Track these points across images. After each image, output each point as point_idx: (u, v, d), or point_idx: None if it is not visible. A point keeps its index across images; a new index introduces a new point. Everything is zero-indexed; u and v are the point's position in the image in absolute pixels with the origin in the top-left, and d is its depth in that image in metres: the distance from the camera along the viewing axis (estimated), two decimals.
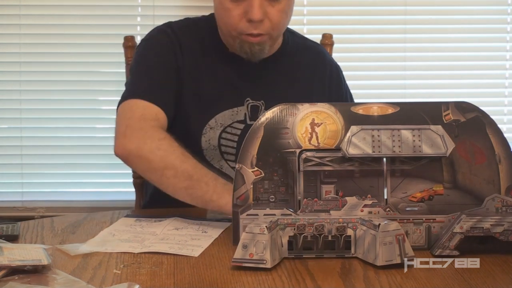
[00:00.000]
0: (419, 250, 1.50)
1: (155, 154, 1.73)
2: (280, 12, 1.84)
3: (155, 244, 1.55)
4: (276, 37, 1.91)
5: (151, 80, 1.88)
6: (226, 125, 1.92)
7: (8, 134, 2.91)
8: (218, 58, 1.93)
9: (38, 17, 2.86)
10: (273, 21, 1.84)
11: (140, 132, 1.77)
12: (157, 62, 1.91)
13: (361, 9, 2.95)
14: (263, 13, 1.82)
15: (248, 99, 1.93)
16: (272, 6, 1.83)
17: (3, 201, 2.92)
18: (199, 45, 1.94)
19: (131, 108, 1.83)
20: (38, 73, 2.88)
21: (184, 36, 1.94)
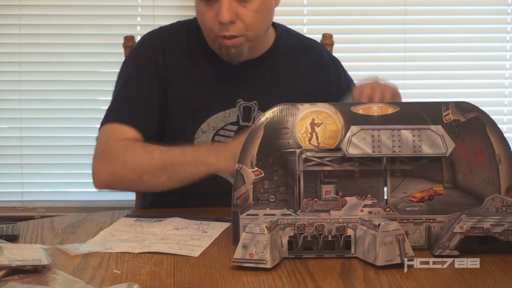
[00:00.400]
0: (419, 250, 1.50)
1: (124, 169, 1.78)
2: (252, 12, 1.81)
3: (155, 244, 1.55)
4: (255, 38, 1.86)
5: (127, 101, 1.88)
6: (218, 128, 1.90)
7: (8, 134, 2.91)
8: (207, 60, 1.91)
9: (38, 17, 2.86)
10: (246, 22, 1.81)
11: (105, 157, 1.81)
12: (136, 80, 1.90)
13: (361, 9, 2.95)
14: (232, 15, 1.79)
15: (240, 100, 1.91)
16: (243, 7, 1.80)
17: (3, 201, 2.92)
18: (186, 50, 1.92)
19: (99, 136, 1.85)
20: (38, 73, 2.88)
21: (170, 44, 1.92)
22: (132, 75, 1.92)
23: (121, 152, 1.79)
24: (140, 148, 1.78)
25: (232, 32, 1.81)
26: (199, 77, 1.91)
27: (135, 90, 1.89)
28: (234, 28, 1.81)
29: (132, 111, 1.86)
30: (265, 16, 1.86)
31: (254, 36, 1.85)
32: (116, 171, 1.79)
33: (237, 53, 1.84)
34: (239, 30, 1.81)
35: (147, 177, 1.76)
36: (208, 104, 1.90)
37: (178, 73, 1.90)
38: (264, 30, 1.89)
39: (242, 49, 1.84)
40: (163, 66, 1.90)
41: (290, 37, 2.01)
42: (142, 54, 1.93)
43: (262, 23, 1.86)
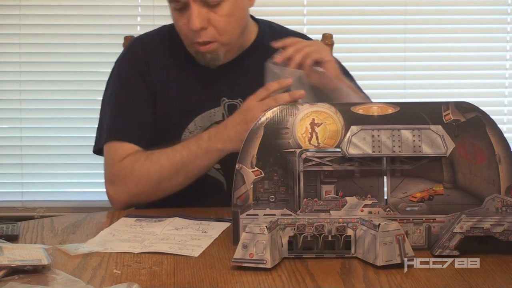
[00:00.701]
0: (419, 250, 1.50)
1: (139, 185, 1.82)
2: (223, 16, 1.81)
3: (155, 244, 1.55)
4: (229, 42, 1.86)
5: (121, 116, 1.90)
6: (205, 127, 1.91)
7: (8, 134, 2.92)
8: (189, 62, 1.91)
9: (38, 17, 2.86)
10: (218, 27, 1.81)
11: (116, 179, 1.85)
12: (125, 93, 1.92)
13: (361, 9, 2.95)
14: (202, 21, 1.79)
15: (224, 99, 1.92)
16: (214, 12, 1.80)
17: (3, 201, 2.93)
18: (169, 54, 1.93)
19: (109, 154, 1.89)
20: (38, 73, 2.88)
21: (153, 50, 1.94)
22: (120, 87, 1.94)
23: (129, 170, 1.83)
24: (145, 160, 1.82)
25: (204, 38, 1.82)
26: (183, 79, 1.92)
27: (127, 103, 1.91)
28: (206, 34, 1.81)
29: (128, 126, 1.89)
30: (238, 19, 1.85)
31: (228, 40, 1.85)
32: (132, 190, 1.83)
33: (212, 58, 1.85)
34: (211, 35, 1.82)
35: (165, 184, 1.81)
36: (193, 104, 1.91)
37: (163, 78, 1.92)
38: (239, 32, 1.88)
39: (218, 53, 1.85)
40: (148, 73, 1.92)
41: (274, 33, 1.99)
42: (127, 63, 1.96)
43: (235, 27, 1.85)
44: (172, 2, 1.83)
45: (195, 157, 1.79)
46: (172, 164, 1.80)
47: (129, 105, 1.91)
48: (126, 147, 1.86)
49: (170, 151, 1.81)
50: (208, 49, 1.83)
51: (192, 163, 1.80)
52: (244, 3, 1.86)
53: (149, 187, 1.82)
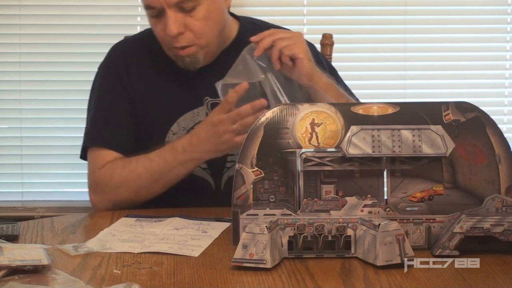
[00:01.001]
0: (419, 250, 1.50)
1: (118, 193, 1.85)
2: (200, 20, 1.82)
3: (155, 244, 1.55)
4: (208, 44, 1.87)
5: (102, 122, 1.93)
6: (189, 128, 1.91)
7: (8, 134, 2.91)
8: (171, 64, 1.91)
9: (38, 17, 2.86)
10: (195, 31, 1.82)
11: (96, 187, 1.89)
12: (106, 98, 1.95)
13: (361, 9, 2.94)
14: (179, 27, 1.80)
15: (207, 98, 1.92)
16: (190, 17, 1.81)
17: (3, 201, 2.92)
18: (150, 57, 1.94)
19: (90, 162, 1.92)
20: (38, 73, 2.88)
21: (133, 54, 1.96)
22: (101, 93, 1.96)
23: (108, 179, 1.86)
24: (123, 169, 1.84)
25: (182, 43, 1.82)
26: (165, 81, 1.93)
27: (107, 109, 1.93)
28: (184, 39, 1.82)
29: (107, 133, 1.91)
30: (215, 21, 1.85)
31: (206, 42, 1.86)
32: (112, 198, 1.86)
33: (192, 62, 1.86)
34: (189, 39, 1.83)
35: (143, 192, 1.84)
36: (175, 106, 1.91)
37: (144, 82, 1.93)
38: (217, 33, 1.88)
39: (197, 56, 1.86)
40: (127, 79, 1.93)
41: (255, 28, 1.97)
42: (107, 70, 1.98)
43: (212, 29, 1.86)
44: (148, 9, 1.83)
45: (172, 167, 1.81)
46: (149, 174, 1.82)
47: (108, 111, 1.93)
48: (105, 154, 1.89)
49: (146, 161, 1.83)
50: (187, 53, 1.84)
51: (169, 173, 1.82)
52: (219, 4, 1.86)
53: (128, 195, 1.85)
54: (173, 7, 1.79)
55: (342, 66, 2.12)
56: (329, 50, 2.17)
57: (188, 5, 1.80)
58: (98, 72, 2.01)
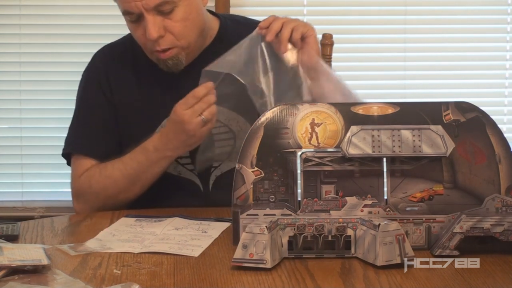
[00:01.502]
0: (419, 250, 1.50)
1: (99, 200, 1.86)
2: (179, 22, 1.80)
3: (155, 244, 1.55)
4: (189, 45, 1.85)
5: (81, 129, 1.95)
6: None
7: (8, 134, 2.92)
8: (153, 68, 1.90)
9: (38, 17, 2.86)
10: (175, 33, 1.81)
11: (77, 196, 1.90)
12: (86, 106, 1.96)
13: (361, 9, 2.95)
14: (159, 30, 1.79)
15: None
16: (169, 19, 1.80)
17: (3, 201, 2.92)
18: (133, 63, 1.94)
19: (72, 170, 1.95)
20: (38, 73, 2.88)
21: (115, 61, 1.96)
22: (81, 100, 1.97)
23: (87, 186, 1.87)
24: (100, 175, 1.86)
25: (163, 45, 1.81)
26: (147, 85, 1.92)
27: (86, 116, 1.94)
28: (164, 42, 1.81)
29: (86, 140, 1.92)
30: (194, 21, 1.84)
31: (187, 43, 1.84)
32: (93, 205, 1.88)
33: (174, 64, 1.85)
34: (170, 42, 1.82)
35: (122, 195, 1.86)
36: (160, 109, 1.89)
37: (126, 88, 1.93)
38: (197, 33, 1.86)
39: (179, 58, 1.85)
40: (108, 85, 1.93)
41: (236, 25, 1.98)
42: (87, 78, 1.99)
43: (192, 29, 1.84)
44: (126, 15, 1.83)
45: (146, 167, 1.82)
46: (125, 177, 1.83)
47: (87, 118, 1.94)
48: (83, 162, 1.91)
49: (121, 165, 1.84)
50: (168, 56, 1.83)
51: (145, 173, 1.83)
52: (197, 4, 1.85)
53: (109, 201, 1.86)
54: (151, 11, 1.78)
55: (342, 66, 2.12)
56: (329, 50, 2.17)
57: (166, 8, 1.79)
58: (81, 80, 2.01)
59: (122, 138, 1.93)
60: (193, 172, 1.92)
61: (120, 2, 1.82)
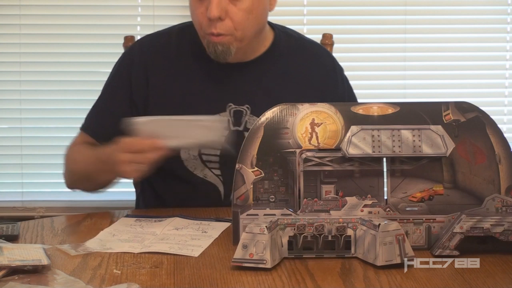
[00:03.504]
0: (419, 250, 1.50)
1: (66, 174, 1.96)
2: (242, 11, 1.78)
3: (155, 244, 1.55)
4: (243, 38, 1.82)
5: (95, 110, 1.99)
6: None
7: (8, 134, 2.91)
8: (198, 63, 1.89)
9: (38, 17, 2.86)
10: (235, 21, 1.78)
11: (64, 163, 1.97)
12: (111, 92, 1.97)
13: (361, 9, 2.94)
14: (221, 11, 1.76)
15: (230, 104, 1.87)
16: (234, 5, 1.78)
17: (3, 201, 2.92)
18: (176, 54, 1.91)
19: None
20: (38, 73, 2.88)
21: (155, 50, 1.92)
22: (110, 84, 1.98)
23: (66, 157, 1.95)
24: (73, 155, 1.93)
25: (220, 30, 1.78)
26: (189, 80, 1.89)
27: (108, 102, 1.95)
28: (222, 26, 1.78)
29: (98, 125, 1.95)
30: (256, 17, 1.82)
31: (242, 36, 1.81)
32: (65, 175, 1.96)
33: (223, 51, 1.81)
34: (227, 28, 1.79)
35: (78, 184, 1.93)
36: (197, 108, 1.86)
37: (165, 79, 1.90)
38: (254, 31, 1.84)
39: (230, 48, 1.81)
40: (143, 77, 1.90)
41: (288, 38, 1.96)
42: (121, 63, 1.98)
43: (252, 24, 1.82)
44: None
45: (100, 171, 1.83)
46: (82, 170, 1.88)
47: (107, 104, 1.95)
48: (83, 136, 1.95)
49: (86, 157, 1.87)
50: (220, 41, 1.79)
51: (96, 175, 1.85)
52: (264, 3, 1.83)
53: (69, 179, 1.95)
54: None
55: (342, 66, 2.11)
56: (329, 50, 2.17)
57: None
58: (117, 62, 2.00)
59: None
60: (218, 178, 1.89)
61: None
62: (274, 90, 1.89)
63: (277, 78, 1.91)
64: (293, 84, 1.91)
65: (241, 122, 1.87)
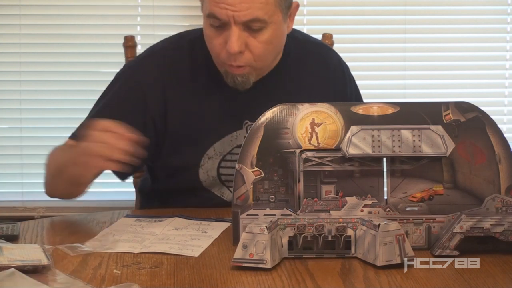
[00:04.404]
0: (419, 250, 1.50)
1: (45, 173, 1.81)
2: (263, 43, 1.73)
3: (155, 244, 1.55)
4: (262, 68, 1.79)
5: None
6: (225, 153, 1.84)
7: (8, 134, 2.92)
8: (212, 82, 1.83)
9: (38, 17, 2.86)
10: (255, 53, 1.73)
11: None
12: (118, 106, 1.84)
13: (361, 9, 2.95)
14: (241, 45, 1.70)
15: (247, 122, 1.84)
16: (254, 38, 1.72)
17: (3, 201, 2.92)
18: (190, 71, 1.84)
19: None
20: (38, 73, 2.88)
21: (171, 67, 1.84)
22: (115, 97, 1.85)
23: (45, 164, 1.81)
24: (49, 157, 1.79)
25: (240, 62, 1.73)
26: (204, 99, 1.84)
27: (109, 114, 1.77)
28: (242, 59, 1.73)
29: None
30: (275, 46, 1.78)
31: (261, 66, 1.79)
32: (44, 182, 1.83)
33: (243, 82, 1.77)
34: (246, 60, 1.74)
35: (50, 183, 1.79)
36: (213, 128, 1.83)
37: (181, 100, 1.83)
38: (273, 58, 1.82)
39: (249, 78, 1.77)
40: (158, 93, 1.82)
41: (295, 44, 1.91)
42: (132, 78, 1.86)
43: (271, 54, 1.79)
44: (211, 18, 1.72)
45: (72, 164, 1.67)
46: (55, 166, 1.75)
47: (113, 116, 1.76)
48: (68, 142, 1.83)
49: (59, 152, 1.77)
50: (241, 72, 1.75)
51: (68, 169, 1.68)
52: (283, 31, 1.78)
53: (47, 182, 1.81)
54: (239, 24, 1.69)
55: None
56: None
57: (255, 25, 1.71)
58: (123, 72, 1.90)
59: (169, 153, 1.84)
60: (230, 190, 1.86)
61: (209, 3, 1.71)
62: (288, 101, 1.86)
63: (290, 88, 1.88)
64: (305, 91, 1.88)
65: None
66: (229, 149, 1.84)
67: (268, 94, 1.83)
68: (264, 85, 1.84)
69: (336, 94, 1.92)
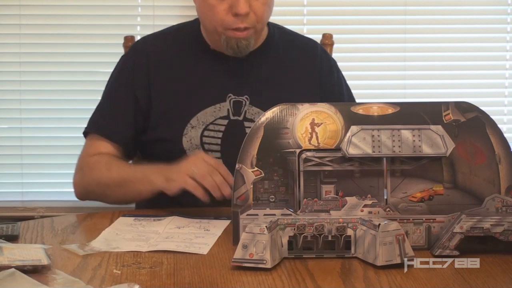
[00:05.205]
0: (419, 250, 1.50)
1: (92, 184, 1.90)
2: (264, 4, 1.86)
3: (161, 243, 1.55)
4: (260, 30, 1.92)
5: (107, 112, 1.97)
6: (208, 123, 1.92)
7: (8, 134, 2.91)
8: (199, 58, 1.96)
9: (38, 17, 2.86)
10: (258, 14, 1.86)
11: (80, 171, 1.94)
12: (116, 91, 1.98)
13: (361, 9, 2.95)
14: (248, 7, 1.84)
15: (230, 95, 1.93)
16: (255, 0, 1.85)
17: (3, 201, 2.92)
18: (175, 50, 1.97)
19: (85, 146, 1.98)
20: (38, 73, 2.88)
21: (157, 47, 1.98)
22: (113, 85, 2.00)
23: (89, 168, 1.91)
24: (104, 165, 1.89)
25: (246, 24, 1.85)
26: (189, 73, 1.95)
27: (114, 102, 1.97)
28: (248, 20, 1.86)
29: (108, 124, 1.95)
30: (270, 9, 1.92)
31: (261, 28, 1.91)
32: (86, 186, 1.92)
33: (246, 45, 1.88)
34: (251, 22, 1.86)
35: (108, 191, 1.88)
36: (197, 99, 1.93)
37: (167, 74, 1.95)
38: (267, 22, 1.95)
39: (251, 41, 1.89)
40: (147, 74, 1.95)
41: (283, 34, 2.04)
42: (123, 65, 2.01)
43: (268, 16, 1.92)
44: None
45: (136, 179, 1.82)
46: (118, 176, 1.85)
47: (114, 104, 1.97)
48: (100, 144, 1.93)
49: (123, 165, 1.89)
50: (245, 35, 1.87)
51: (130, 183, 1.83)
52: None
53: (97, 190, 1.89)
54: None
55: (342, 66, 2.12)
56: (329, 50, 2.17)
57: None
58: (118, 64, 2.04)
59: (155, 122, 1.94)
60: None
61: None
62: (272, 81, 1.97)
63: (274, 69, 1.98)
64: (290, 74, 1.98)
65: (240, 112, 1.93)
66: (212, 119, 1.93)
67: (251, 71, 1.95)
68: (248, 62, 1.94)
69: (321, 79, 2.01)
